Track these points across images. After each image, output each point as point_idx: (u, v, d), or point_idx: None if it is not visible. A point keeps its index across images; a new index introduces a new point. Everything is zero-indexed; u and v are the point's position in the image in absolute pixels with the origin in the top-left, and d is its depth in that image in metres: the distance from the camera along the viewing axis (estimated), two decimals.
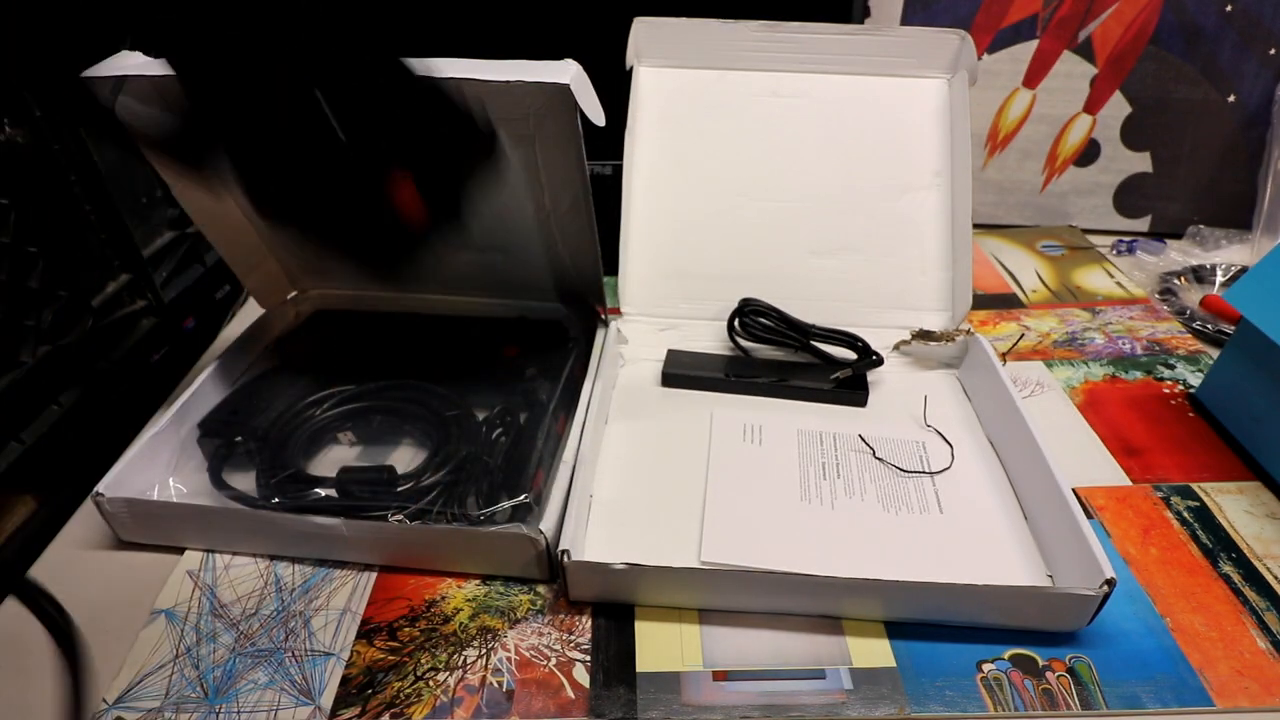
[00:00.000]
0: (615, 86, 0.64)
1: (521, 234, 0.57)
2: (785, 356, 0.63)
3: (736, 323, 0.62)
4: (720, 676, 0.40)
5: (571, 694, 0.40)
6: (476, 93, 0.41)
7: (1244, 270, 0.76)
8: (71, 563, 0.48)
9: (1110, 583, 0.39)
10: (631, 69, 0.64)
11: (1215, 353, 0.65)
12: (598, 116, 0.42)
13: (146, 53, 0.36)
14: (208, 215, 0.55)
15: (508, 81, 0.40)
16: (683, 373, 0.60)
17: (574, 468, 0.48)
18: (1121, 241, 0.84)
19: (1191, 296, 0.74)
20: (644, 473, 0.52)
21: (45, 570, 0.47)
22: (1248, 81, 0.79)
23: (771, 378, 0.60)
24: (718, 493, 0.50)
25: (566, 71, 0.40)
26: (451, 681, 0.40)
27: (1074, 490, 0.51)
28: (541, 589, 0.45)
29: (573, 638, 0.42)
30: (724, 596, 0.43)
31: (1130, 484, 0.52)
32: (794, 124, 0.64)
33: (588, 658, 0.41)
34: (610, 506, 0.49)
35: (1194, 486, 0.52)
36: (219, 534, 0.47)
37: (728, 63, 0.64)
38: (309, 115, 0.33)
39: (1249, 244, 0.81)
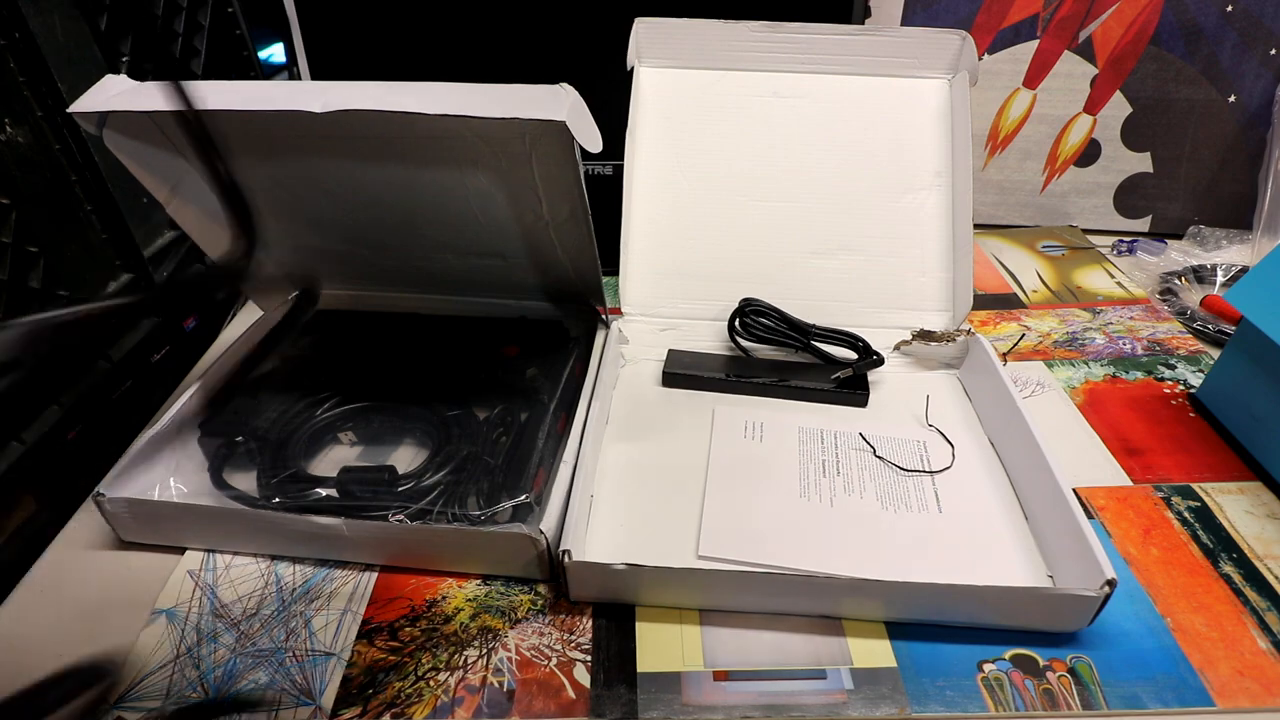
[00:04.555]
0: (617, 86, 0.64)
1: (521, 241, 0.57)
2: (786, 356, 0.63)
3: (737, 323, 0.62)
4: (721, 676, 0.40)
5: (572, 694, 0.40)
6: (472, 125, 0.41)
7: (1244, 270, 0.76)
8: (72, 563, 0.48)
9: (1111, 583, 0.39)
10: (632, 69, 0.64)
11: (1216, 353, 0.65)
12: (594, 144, 0.42)
13: None
14: (202, 229, 0.55)
15: (503, 119, 0.39)
16: (683, 372, 0.60)
17: (574, 467, 0.47)
18: (1122, 241, 0.84)
19: (1192, 297, 0.74)
20: (645, 472, 0.52)
21: (45, 570, 0.47)
22: (1248, 82, 0.79)
23: (772, 378, 0.60)
24: (717, 488, 0.50)
25: (563, 103, 0.39)
26: (452, 681, 0.40)
27: (1075, 490, 0.51)
28: (542, 589, 0.45)
29: (573, 638, 0.42)
30: (724, 596, 0.43)
31: (1131, 484, 0.52)
32: (795, 124, 0.64)
33: (588, 658, 0.41)
34: (611, 506, 0.49)
35: (1195, 486, 0.52)
36: (220, 534, 0.47)
37: (728, 63, 0.64)
38: None
39: (1249, 244, 0.81)
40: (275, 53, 0.96)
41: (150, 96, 0.42)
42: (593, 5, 0.68)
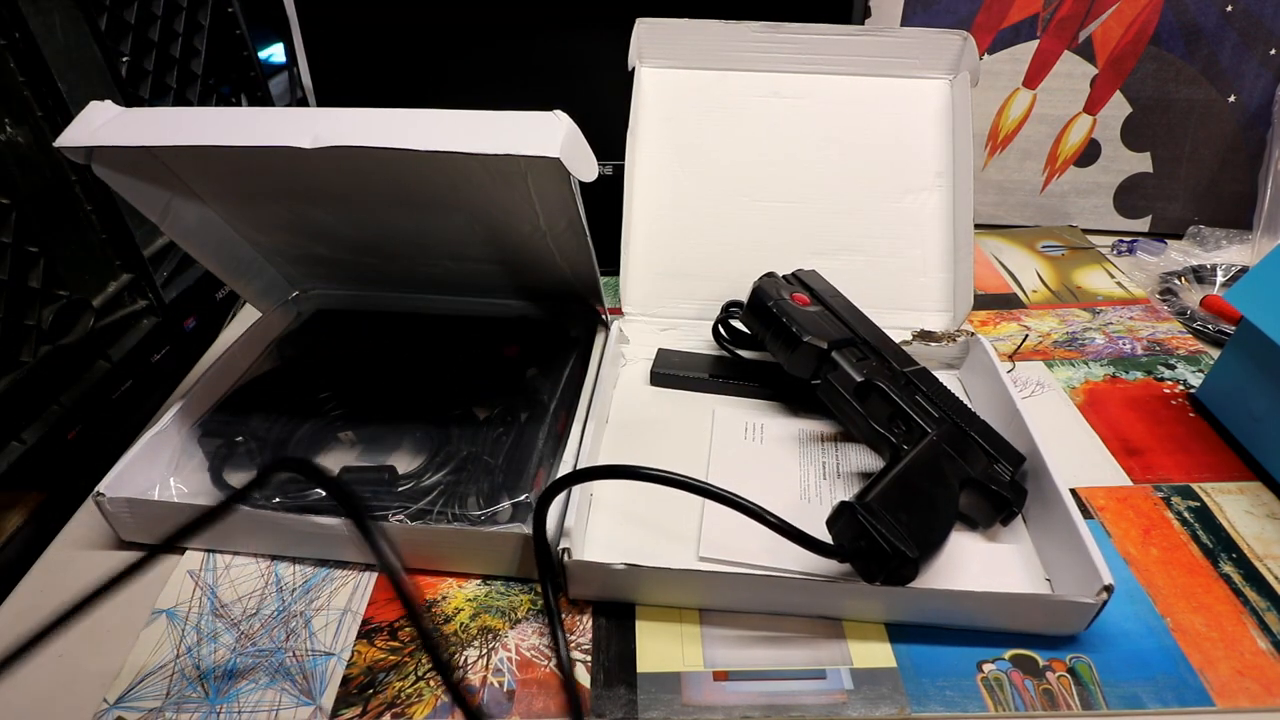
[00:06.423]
0: (618, 86, 0.64)
1: (520, 248, 0.56)
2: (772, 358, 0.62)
3: (722, 327, 0.62)
4: (721, 677, 0.40)
5: None
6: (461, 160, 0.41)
7: (1244, 270, 0.76)
8: (71, 563, 0.48)
9: (1108, 589, 0.39)
10: (633, 70, 0.64)
11: (1216, 353, 0.65)
12: (588, 174, 0.42)
13: None
14: (196, 239, 0.54)
15: (496, 155, 0.39)
16: (670, 372, 0.60)
17: (575, 467, 0.47)
18: (1122, 241, 0.84)
19: (1192, 297, 0.74)
20: None
21: (45, 570, 0.47)
22: (1248, 82, 0.79)
23: (758, 380, 0.59)
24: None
25: (556, 134, 0.39)
26: None
27: (1075, 491, 0.51)
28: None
29: (573, 638, 0.42)
30: (724, 596, 0.43)
31: (1131, 484, 0.52)
32: (795, 124, 0.64)
33: (588, 658, 0.41)
34: (611, 506, 0.49)
35: (1194, 486, 0.52)
36: (220, 534, 0.47)
37: (729, 63, 0.64)
38: None
39: (1249, 244, 0.81)
40: (275, 53, 0.96)
41: (137, 128, 0.42)
42: (594, 5, 0.68)
